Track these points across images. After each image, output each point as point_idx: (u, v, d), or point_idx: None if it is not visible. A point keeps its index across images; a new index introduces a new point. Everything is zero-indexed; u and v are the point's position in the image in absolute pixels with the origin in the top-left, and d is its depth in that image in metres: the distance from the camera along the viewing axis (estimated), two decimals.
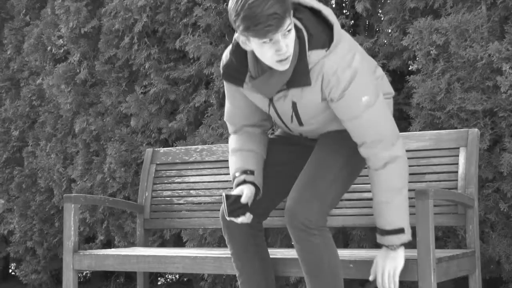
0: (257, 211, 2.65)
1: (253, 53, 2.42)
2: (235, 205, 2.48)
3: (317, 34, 2.37)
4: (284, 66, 2.32)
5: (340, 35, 2.41)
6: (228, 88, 2.62)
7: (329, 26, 2.41)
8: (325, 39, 2.37)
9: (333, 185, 2.50)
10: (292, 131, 2.69)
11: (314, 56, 2.36)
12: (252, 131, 2.69)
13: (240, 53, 2.46)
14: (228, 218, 2.50)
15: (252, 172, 2.59)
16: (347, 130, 2.49)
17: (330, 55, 2.37)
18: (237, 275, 2.70)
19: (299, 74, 2.37)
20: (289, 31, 2.27)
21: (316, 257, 2.42)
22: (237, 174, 2.61)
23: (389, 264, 2.50)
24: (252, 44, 2.31)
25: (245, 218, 2.50)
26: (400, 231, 2.48)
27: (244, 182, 2.58)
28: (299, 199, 2.44)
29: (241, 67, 2.47)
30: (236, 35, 2.39)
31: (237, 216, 2.49)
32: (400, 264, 2.49)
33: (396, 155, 2.45)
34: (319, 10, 2.41)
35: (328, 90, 2.40)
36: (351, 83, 2.37)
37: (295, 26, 2.37)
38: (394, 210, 2.47)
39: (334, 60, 2.37)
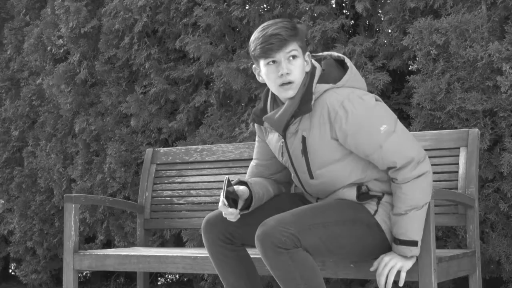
0: (245, 229, 2.61)
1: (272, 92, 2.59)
2: (230, 193, 2.50)
3: (331, 71, 2.51)
4: (287, 92, 2.47)
5: (361, 84, 2.53)
6: (257, 136, 2.77)
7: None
8: (336, 77, 2.50)
9: (319, 229, 2.41)
10: (305, 188, 2.66)
11: (320, 87, 2.48)
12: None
13: (266, 96, 2.65)
14: (221, 199, 2.48)
15: (250, 183, 2.62)
16: (374, 162, 2.48)
17: (337, 89, 2.47)
18: (221, 279, 2.70)
19: (303, 103, 2.47)
20: (293, 57, 2.45)
21: (286, 273, 2.35)
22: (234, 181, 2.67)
23: (395, 260, 2.48)
24: (261, 69, 2.50)
25: (234, 213, 2.49)
26: (414, 243, 2.46)
27: (238, 182, 2.61)
28: (277, 220, 2.37)
29: (264, 107, 2.64)
30: (253, 66, 2.57)
31: (229, 204, 2.48)
32: (408, 264, 2.48)
33: (424, 170, 2.44)
34: (343, 58, 2.58)
35: (338, 123, 2.44)
36: (364, 115, 2.43)
37: (313, 65, 2.53)
38: (412, 223, 2.45)
39: (340, 93, 2.46)
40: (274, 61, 2.45)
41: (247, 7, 4.05)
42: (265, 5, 4.04)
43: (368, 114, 2.44)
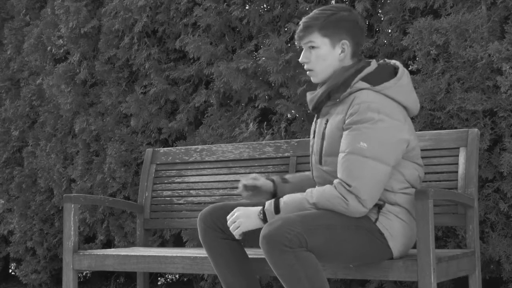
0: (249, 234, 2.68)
1: None
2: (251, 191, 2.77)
3: (380, 74, 2.56)
4: (312, 78, 2.66)
5: (402, 98, 2.55)
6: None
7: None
8: (379, 81, 2.54)
9: (324, 230, 2.42)
10: (313, 172, 2.70)
11: (359, 84, 2.54)
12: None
13: None
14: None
15: (285, 180, 2.80)
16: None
17: (372, 92, 2.51)
18: (214, 269, 2.73)
19: (337, 91, 2.56)
20: (312, 47, 2.60)
21: (291, 273, 2.36)
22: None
23: (243, 218, 2.56)
24: None
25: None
26: (277, 208, 2.51)
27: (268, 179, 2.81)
28: (284, 220, 2.39)
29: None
30: None
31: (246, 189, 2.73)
32: (249, 224, 2.55)
33: (347, 199, 2.43)
34: (398, 67, 2.64)
35: (348, 114, 2.51)
36: (364, 123, 2.45)
37: (368, 63, 2.60)
38: (294, 203, 2.51)
39: (371, 96, 2.50)
40: (302, 48, 2.69)
41: (247, 7, 4.05)
42: (265, 5, 4.04)
43: (367, 125, 2.46)
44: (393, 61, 2.67)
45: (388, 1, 3.66)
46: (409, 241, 2.60)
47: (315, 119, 2.73)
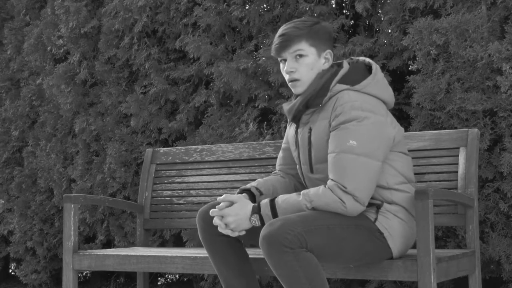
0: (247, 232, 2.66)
1: None
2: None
3: (355, 73, 2.57)
4: (295, 89, 2.62)
5: (381, 92, 2.57)
6: (283, 143, 2.89)
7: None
8: (357, 80, 2.55)
9: (324, 230, 2.42)
10: (306, 182, 2.70)
11: (338, 87, 2.55)
12: (282, 176, 2.85)
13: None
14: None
15: (258, 190, 2.70)
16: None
17: (352, 92, 2.52)
18: (218, 276, 2.72)
19: (318, 96, 2.55)
20: (300, 56, 2.57)
21: (291, 273, 2.35)
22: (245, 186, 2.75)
23: (235, 223, 2.53)
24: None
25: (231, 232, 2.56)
26: (273, 210, 2.49)
27: (244, 190, 2.69)
28: (284, 220, 2.38)
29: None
30: None
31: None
32: (243, 225, 2.53)
33: (344, 200, 2.43)
34: (371, 64, 2.64)
35: (333, 117, 2.51)
36: (351, 121, 2.47)
37: (341, 64, 2.62)
38: (291, 207, 2.48)
39: (352, 96, 2.51)
40: (284, 60, 2.61)
41: (247, 7, 4.05)
42: (265, 5, 4.03)
43: (354, 123, 2.47)
44: (362, 58, 2.69)
45: (388, 1, 3.66)
46: (409, 240, 2.60)
47: (294, 129, 2.71)
